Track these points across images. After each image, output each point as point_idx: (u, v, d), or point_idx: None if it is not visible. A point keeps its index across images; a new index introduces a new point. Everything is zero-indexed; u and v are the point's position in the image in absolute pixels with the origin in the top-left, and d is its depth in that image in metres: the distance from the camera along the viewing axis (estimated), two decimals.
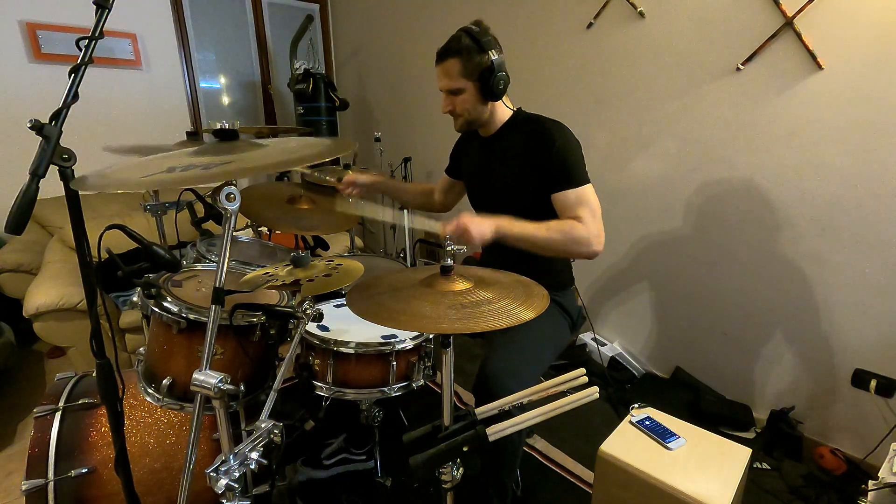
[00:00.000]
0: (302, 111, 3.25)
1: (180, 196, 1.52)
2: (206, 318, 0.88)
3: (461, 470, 0.87)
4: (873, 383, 1.57)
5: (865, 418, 1.64)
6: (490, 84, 1.26)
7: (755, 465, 1.66)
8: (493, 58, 1.24)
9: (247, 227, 1.79)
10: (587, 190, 1.24)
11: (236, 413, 1.18)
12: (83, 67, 0.74)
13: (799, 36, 1.57)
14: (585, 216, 1.21)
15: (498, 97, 1.31)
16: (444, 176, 1.67)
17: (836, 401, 1.71)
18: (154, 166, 0.87)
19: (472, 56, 1.25)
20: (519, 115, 1.38)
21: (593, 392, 0.82)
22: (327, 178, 1.57)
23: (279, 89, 3.68)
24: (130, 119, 2.95)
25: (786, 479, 1.62)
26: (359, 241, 2.80)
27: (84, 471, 1.07)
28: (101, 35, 0.76)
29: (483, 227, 1.14)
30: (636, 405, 1.34)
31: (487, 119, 1.37)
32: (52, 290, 1.87)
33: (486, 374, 1.16)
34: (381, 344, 1.19)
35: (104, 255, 0.96)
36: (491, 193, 1.44)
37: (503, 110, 1.37)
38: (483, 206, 1.50)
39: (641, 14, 1.96)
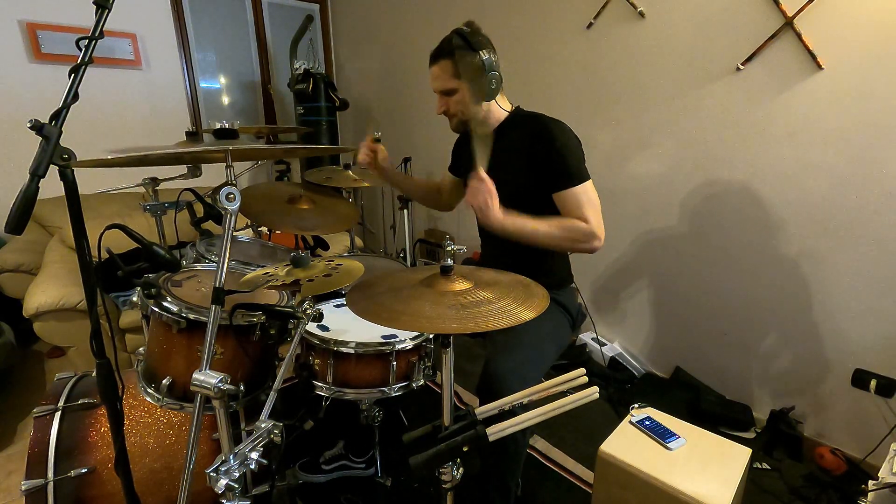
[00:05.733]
0: (302, 111, 3.25)
1: (180, 196, 1.52)
2: (206, 318, 0.88)
3: (461, 470, 0.87)
4: (873, 383, 1.57)
5: (865, 418, 1.64)
6: (482, 84, 1.27)
7: (755, 465, 1.66)
8: (485, 57, 1.25)
9: (247, 227, 1.78)
10: (587, 187, 1.25)
11: (236, 413, 1.18)
12: (83, 67, 0.74)
13: (799, 36, 1.57)
14: (588, 214, 1.23)
15: (491, 97, 1.31)
16: (449, 174, 1.66)
17: (836, 401, 1.71)
18: None
19: (464, 56, 1.26)
20: (517, 114, 1.38)
21: (593, 392, 0.82)
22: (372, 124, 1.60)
23: (279, 89, 3.68)
24: (130, 119, 2.95)
25: (786, 479, 1.62)
26: (359, 241, 2.80)
27: (84, 471, 1.07)
28: (101, 35, 0.76)
29: (496, 214, 1.19)
30: (636, 405, 1.34)
31: (482, 119, 1.37)
32: (52, 290, 1.87)
33: (490, 374, 1.16)
34: (381, 344, 1.19)
35: (104, 255, 0.96)
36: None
37: (499, 109, 1.37)
38: None
39: (641, 14, 1.96)
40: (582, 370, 0.88)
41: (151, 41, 2.98)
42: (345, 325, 1.28)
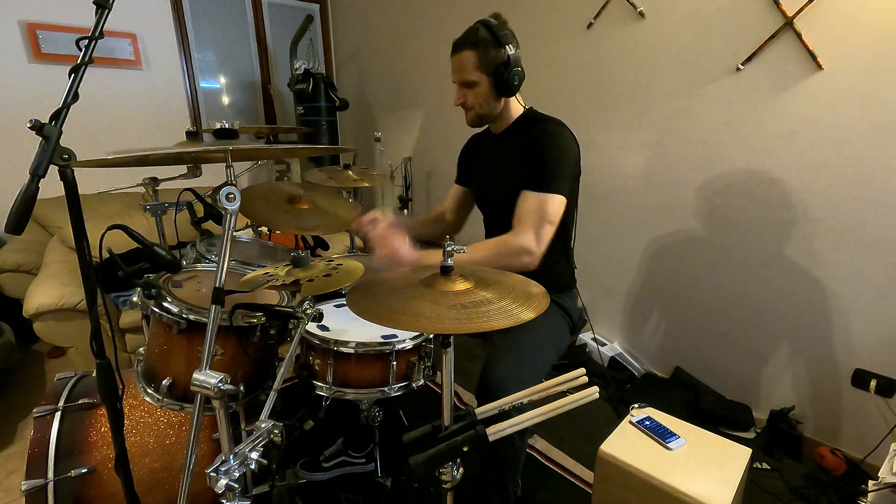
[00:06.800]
0: (302, 111, 3.25)
1: (180, 196, 1.52)
2: (206, 319, 0.88)
3: (461, 470, 0.87)
4: (873, 383, 1.57)
5: (865, 418, 1.64)
6: (505, 79, 1.24)
7: (755, 465, 1.66)
8: (510, 52, 1.22)
9: (247, 227, 1.78)
10: (549, 199, 1.20)
11: (236, 413, 1.18)
12: (83, 67, 0.74)
13: (799, 36, 1.57)
14: (528, 226, 1.19)
15: (512, 93, 1.29)
16: (455, 187, 1.60)
17: (836, 401, 1.71)
18: None
19: (489, 49, 1.23)
20: (529, 114, 1.37)
21: (593, 392, 0.82)
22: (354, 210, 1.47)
23: (279, 89, 3.68)
24: (130, 119, 2.95)
25: (786, 479, 1.62)
26: (359, 241, 2.80)
27: (84, 471, 1.07)
28: (101, 35, 0.76)
29: (408, 256, 1.14)
30: (636, 405, 1.34)
31: (499, 115, 1.35)
32: (52, 290, 1.87)
33: (489, 378, 1.16)
34: (381, 344, 1.19)
35: (104, 255, 0.96)
36: (496, 192, 1.44)
37: (516, 107, 1.35)
38: (489, 205, 1.49)
39: (641, 14, 1.96)
40: (582, 370, 0.88)
41: (151, 41, 2.98)
42: (345, 325, 1.28)
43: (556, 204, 1.21)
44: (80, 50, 0.75)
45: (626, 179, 2.16)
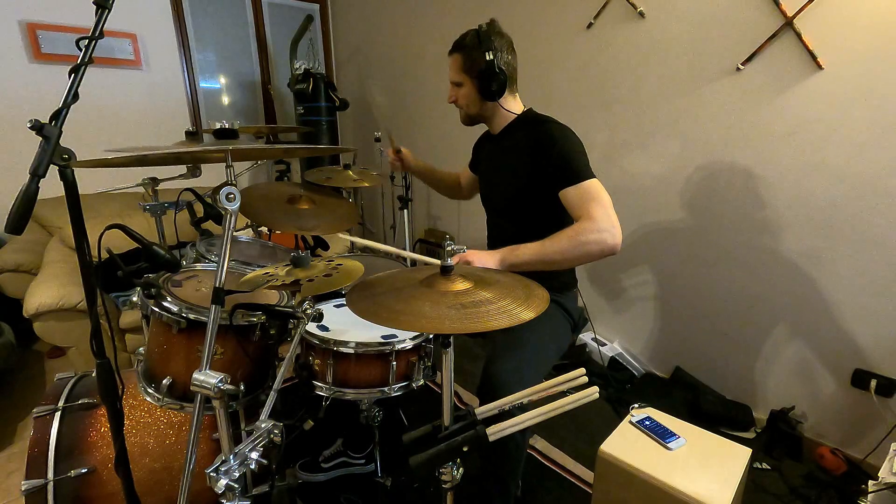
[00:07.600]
0: (302, 111, 3.25)
1: (180, 196, 1.52)
2: (205, 318, 0.88)
3: (461, 470, 0.87)
4: (873, 383, 1.57)
5: (865, 418, 1.64)
6: (487, 84, 1.28)
7: (755, 465, 1.66)
8: (489, 58, 1.25)
9: (247, 227, 1.78)
10: (593, 184, 1.22)
11: (236, 413, 1.18)
12: (83, 67, 0.74)
13: (799, 36, 1.57)
14: (595, 210, 1.18)
15: (493, 98, 1.32)
16: (468, 171, 1.71)
17: (836, 401, 1.71)
18: None
19: (472, 54, 1.28)
20: (527, 116, 1.39)
21: (593, 392, 0.82)
22: (391, 137, 1.71)
23: (279, 89, 3.68)
24: (130, 119, 2.95)
25: (786, 479, 1.62)
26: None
27: (84, 471, 1.07)
28: (101, 35, 0.76)
29: (486, 261, 1.16)
30: (636, 405, 1.34)
31: (489, 117, 1.39)
32: (52, 290, 1.87)
33: (490, 375, 1.16)
34: (380, 344, 1.19)
35: (104, 255, 0.96)
36: (497, 191, 1.46)
37: (512, 109, 1.38)
38: (490, 203, 1.52)
39: (641, 14, 1.96)
40: (582, 370, 0.88)
41: (151, 41, 2.98)
42: (345, 325, 1.28)
43: (596, 186, 1.21)
44: (80, 50, 0.75)
45: (626, 179, 2.16)
